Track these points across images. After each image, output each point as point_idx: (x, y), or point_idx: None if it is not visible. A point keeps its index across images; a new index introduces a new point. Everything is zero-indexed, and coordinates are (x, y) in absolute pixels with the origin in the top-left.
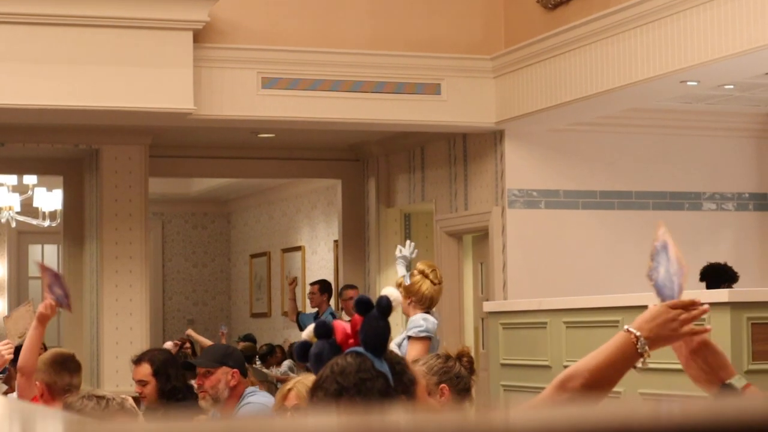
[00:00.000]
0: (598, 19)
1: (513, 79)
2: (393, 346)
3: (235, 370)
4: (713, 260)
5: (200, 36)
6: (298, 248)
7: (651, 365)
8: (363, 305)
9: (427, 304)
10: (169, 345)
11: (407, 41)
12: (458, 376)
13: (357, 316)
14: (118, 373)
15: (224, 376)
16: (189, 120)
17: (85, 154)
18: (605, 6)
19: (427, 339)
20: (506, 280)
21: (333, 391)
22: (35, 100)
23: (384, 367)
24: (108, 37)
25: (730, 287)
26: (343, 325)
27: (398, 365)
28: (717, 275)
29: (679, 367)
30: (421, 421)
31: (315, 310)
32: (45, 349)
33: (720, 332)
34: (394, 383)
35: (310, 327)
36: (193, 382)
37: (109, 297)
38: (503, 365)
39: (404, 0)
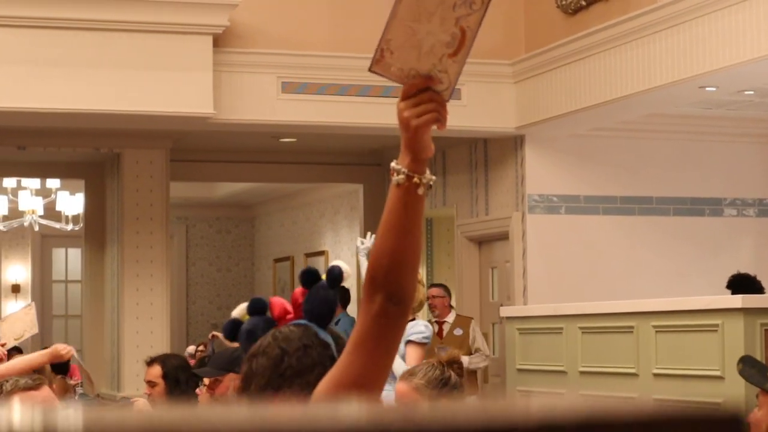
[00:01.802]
0: (617, 24)
1: (533, 84)
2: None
3: None
4: (734, 267)
5: (220, 40)
6: (322, 253)
7: (663, 371)
8: (309, 276)
9: (418, 311)
10: (191, 349)
11: None
12: (455, 386)
13: (299, 290)
14: (138, 376)
15: (232, 382)
16: (209, 124)
17: (107, 158)
18: (625, 11)
19: (425, 346)
20: (526, 286)
21: (275, 356)
22: (56, 104)
23: (328, 338)
24: (128, 41)
25: None
26: (281, 300)
27: (340, 339)
28: (744, 286)
29: (693, 372)
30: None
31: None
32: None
33: (733, 338)
34: (336, 355)
35: (242, 305)
36: (198, 391)
37: (129, 300)
38: (519, 370)
39: None
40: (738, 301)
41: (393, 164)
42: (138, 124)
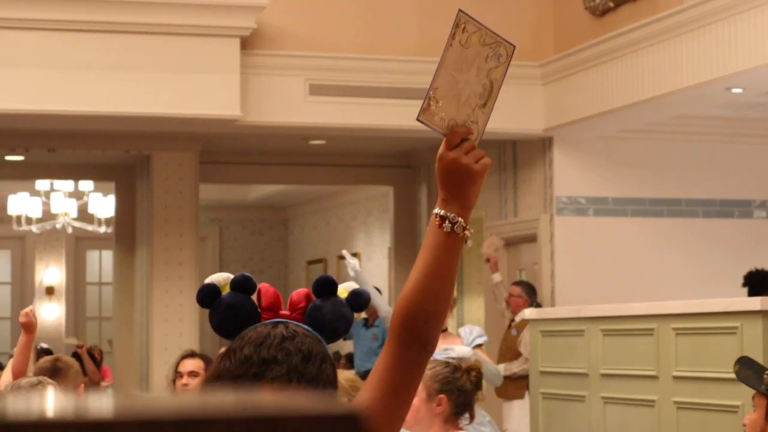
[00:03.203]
0: (645, 25)
1: (561, 85)
2: (468, 349)
3: None
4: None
5: (247, 42)
6: (354, 255)
7: (683, 373)
8: (327, 286)
9: (452, 308)
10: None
11: None
12: (461, 390)
13: (303, 291)
14: (167, 378)
15: None
16: (236, 126)
17: (137, 160)
18: (653, 12)
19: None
20: (554, 288)
21: (293, 364)
22: (84, 107)
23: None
24: (155, 43)
25: None
26: (274, 290)
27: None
28: (761, 282)
29: (712, 375)
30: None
31: (363, 317)
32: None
33: (752, 340)
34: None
35: (224, 273)
36: None
37: (158, 303)
38: (542, 373)
39: (452, 6)
40: (757, 303)
41: (441, 212)
42: (166, 127)
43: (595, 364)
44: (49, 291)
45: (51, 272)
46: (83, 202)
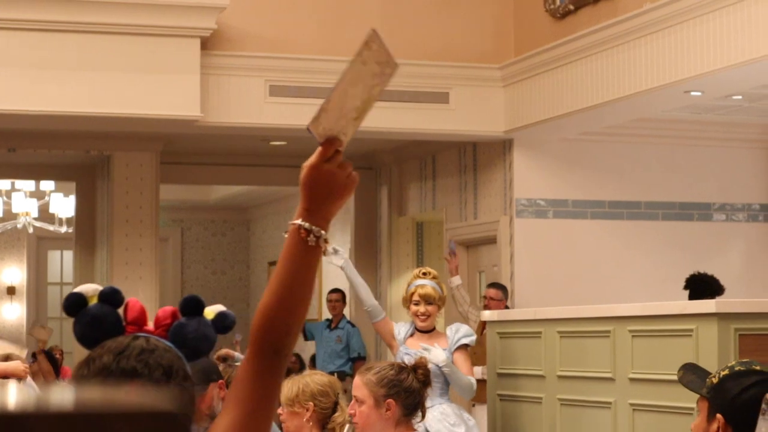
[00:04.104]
0: (605, 28)
1: (522, 88)
2: (444, 353)
3: (221, 381)
4: (723, 272)
5: (208, 43)
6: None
7: (639, 375)
8: (194, 306)
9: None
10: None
11: (417, 50)
12: (409, 390)
13: (169, 309)
14: None
15: (215, 391)
16: (196, 127)
17: (97, 160)
18: (612, 15)
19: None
20: (513, 290)
21: (156, 378)
22: (44, 106)
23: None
24: (115, 43)
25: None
26: (141, 305)
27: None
28: (701, 286)
29: (668, 377)
30: None
31: (326, 318)
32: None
33: (707, 343)
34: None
35: (94, 285)
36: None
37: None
38: (499, 375)
39: (414, 9)
40: (712, 306)
41: (306, 225)
42: (126, 127)
43: (552, 366)
44: (10, 291)
45: (12, 272)
46: (44, 201)
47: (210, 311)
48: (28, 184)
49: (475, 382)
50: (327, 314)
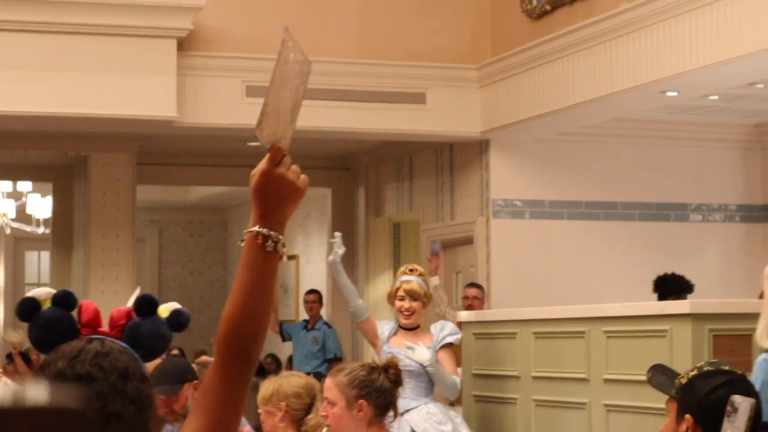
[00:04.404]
0: (581, 28)
1: (498, 88)
2: (428, 351)
3: (195, 381)
4: (699, 272)
5: (184, 44)
6: (293, 257)
7: (613, 376)
8: (148, 305)
9: (428, 304)
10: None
11: (394, 50)
12: (380, 390)
13: (124, 309)
14: None
15: (189, 391)
16: (173, 128)
17: (74, 161)
18: (589, 16)
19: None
20: (490, 290)
21: (112, 382)
22: (20, 107)
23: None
24: (92, 44)
25: (683, 297)
26: (95, 307)
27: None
28: (667, 286)
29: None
30: None
31: (304, 319)
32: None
33: (682, 343)
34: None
35: (46, 288)
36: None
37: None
38: (475, 375)
39: (392, 9)
40: (686, 306)
41: (264, 231)
42: (102, 127)
43: (527, 367)
44: None
45: None
46: (21, 202)
47: (164, 309)
48: (5, 185)
49: (459, 382)
50: (304, 315)
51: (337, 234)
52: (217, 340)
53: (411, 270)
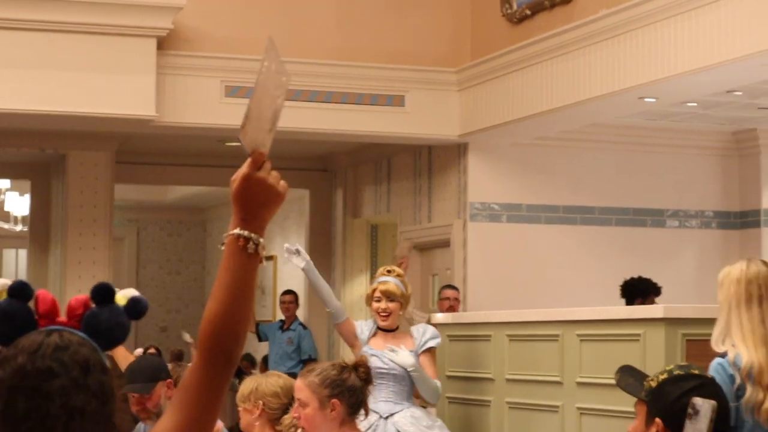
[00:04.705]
0: (560, 33)
1: (477, 92)
2: (411, 355)
3: (169, 380)
4: (675, 278)
5: (164, 43)
6: (270, 258)
7: (587, 380)
8: (105, 293)
9: (407, 306)
10: (139, 352)
11: (373, 53)
12: (352, 389)
13: (81, 298)
14: None
15: (162, 389)
16: (152, 127)
17: (52, 159)
18: (568, 21)
19: None
20: (466, 293)
21: (73, 377)
22: None
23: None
24: (72, 42)
25: (648, 301)
26: (52, 297)
27: None
28: (633, 290)
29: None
30: None
31: (280, 319)
32: None
33: (655, 347)
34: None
35: (4, 280)
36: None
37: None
38: (449, 377)
39: (371, 12)
40: (660, 310)
41: (245, 233)
42: (81, 126)
43: (501, 370)
44: None
45: None
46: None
47: (121, 297)
48: None
49: (440, 386)
50: (281, 316)
51: (289, 245)
52: (199, 340)
53: (389, 271)
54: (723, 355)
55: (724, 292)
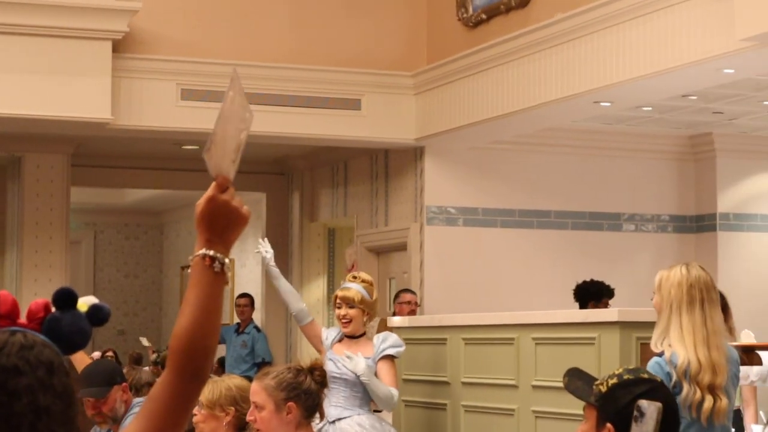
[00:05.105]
0: (516, 38)
1: (433, 96)
2: (365, 362)
3: (124, 384)
4: (631, 281)
5: (120, 46)
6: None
7: (542, 383)
8: (67, 298)
9: (373, 318)
10: (96, 355)
11: (329, 56)
12: (308, 392)
13: (42, 302)
14: None
15: (117, 393)
16: (107, 129)
17: (8, 161)
18: (524, 25)
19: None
20: (423, 296)
21: (39, 376)
22: None
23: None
24: (26, 45)
25: (601, 304)
26: (12, 297)
27: None
28: (585, 294)
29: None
30: None
31: (236, 322)
32: None
33: (610, 351)
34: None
35: None
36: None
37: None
38: (405, 381)
39: (326, 15)
40: (615, 314)
41: (211, 253)
42: (36, 128)
43: (457, 373)
44: None
45: None
46: None
47: (83, 303)
48: None
49: (396, 394)
50: (237, 318)
51: (262, 241)
52: (169, 355)
53: (354, 277)
54: (660, 355)
55: (663, 295)
